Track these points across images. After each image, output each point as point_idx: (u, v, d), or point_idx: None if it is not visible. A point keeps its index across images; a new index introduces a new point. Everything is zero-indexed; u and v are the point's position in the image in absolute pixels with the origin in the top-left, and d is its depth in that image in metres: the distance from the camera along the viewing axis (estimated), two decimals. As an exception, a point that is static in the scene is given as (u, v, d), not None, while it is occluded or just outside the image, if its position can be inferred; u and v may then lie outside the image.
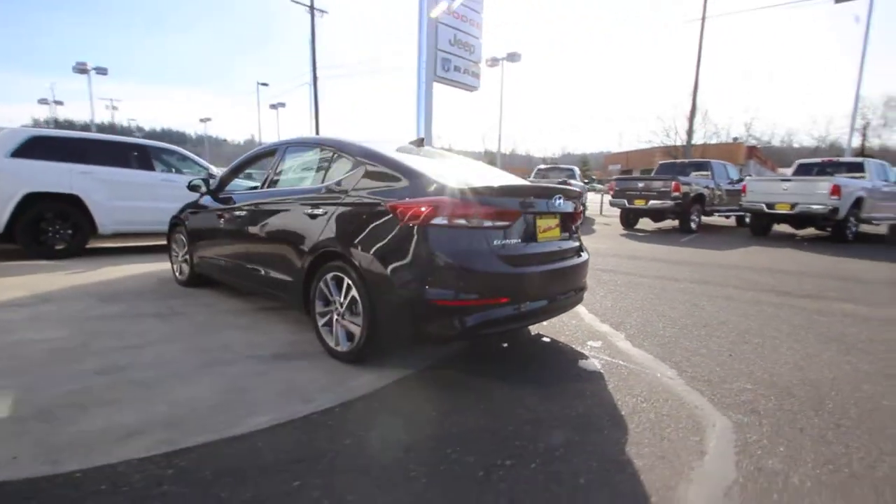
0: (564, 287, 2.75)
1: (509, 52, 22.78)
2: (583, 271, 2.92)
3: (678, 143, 33.84)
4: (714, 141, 37.49)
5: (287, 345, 2.91)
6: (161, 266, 5.36)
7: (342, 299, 2.55)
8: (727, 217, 13.13)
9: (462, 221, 2.23)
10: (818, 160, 12.05)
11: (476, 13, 19.29)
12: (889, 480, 1.68)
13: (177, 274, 4.54)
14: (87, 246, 6.11)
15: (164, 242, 4.82)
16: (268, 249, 3.22)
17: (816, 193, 9.18)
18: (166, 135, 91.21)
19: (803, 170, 11.52)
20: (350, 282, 2.48)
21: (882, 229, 11.59)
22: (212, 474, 1.61)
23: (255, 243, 3.34)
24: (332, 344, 2.66)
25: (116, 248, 6.79)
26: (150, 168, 6.42)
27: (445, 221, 2.21)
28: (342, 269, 2.55)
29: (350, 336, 2.56)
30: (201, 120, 61.08)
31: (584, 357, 2.84)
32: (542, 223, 2.61)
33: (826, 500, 1.56)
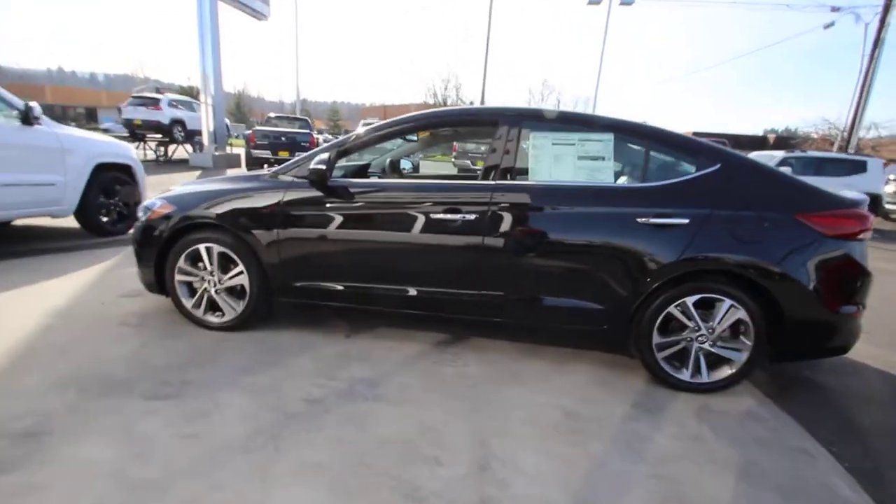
0: None
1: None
2: None
3: (436, 104, 37.71)
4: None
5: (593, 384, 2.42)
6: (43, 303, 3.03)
7: (714, 324, 2.29)
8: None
9: (867, 235, 2.23)
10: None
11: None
12: None
13: (198, 313, 2.64)
14: None
15: None
16: (551, 269, 2.39)
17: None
18: None
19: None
20: (733, 302, 2.24)
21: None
22: None
23: (508, 261, 2.39)
24: (682, 376, 2.31)
25: None
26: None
27: (865, 235, 2.21)
28: (715, 290, 2.23)
29: (714, 364, 2.34)
30: None
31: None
32: None
33: None
